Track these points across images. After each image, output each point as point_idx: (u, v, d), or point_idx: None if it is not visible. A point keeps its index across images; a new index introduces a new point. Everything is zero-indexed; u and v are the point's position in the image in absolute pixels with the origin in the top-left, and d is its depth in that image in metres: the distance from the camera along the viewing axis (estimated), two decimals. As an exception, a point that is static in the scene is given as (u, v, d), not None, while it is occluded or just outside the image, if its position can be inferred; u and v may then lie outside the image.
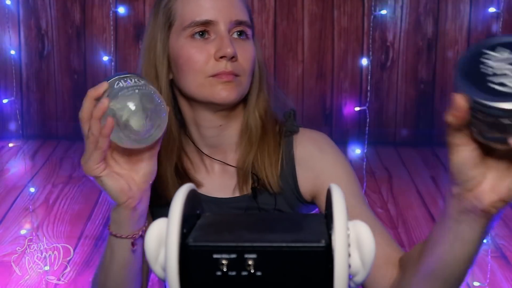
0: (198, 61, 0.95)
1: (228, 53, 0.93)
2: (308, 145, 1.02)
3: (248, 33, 0.99)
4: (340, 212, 0.51)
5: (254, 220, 0.58)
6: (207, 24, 0.95)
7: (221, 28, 0.95)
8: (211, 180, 1.03)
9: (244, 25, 0.98)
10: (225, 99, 0.95)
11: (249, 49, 0.98)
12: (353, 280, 0.53)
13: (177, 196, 0.53)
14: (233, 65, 0.95)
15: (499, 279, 2.14)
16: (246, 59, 0.97)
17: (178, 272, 0.50)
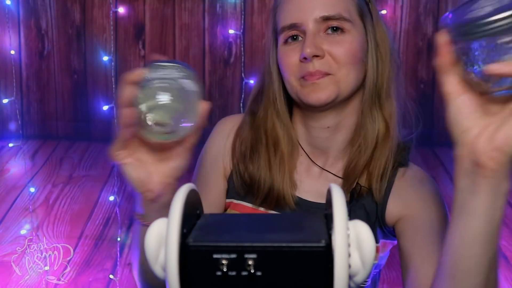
0: (289, 65, 0.97)
1: (306, 53, 0.93)
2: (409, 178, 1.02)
3: (344, 26, 0.96)
4: (340, 212, 0.51)
5: (254, 220, 0.58)
6: (295, 27, 0.96)
7: (307, 28, 0.95)
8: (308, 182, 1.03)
9: (334, 20, 0.95)
10: (316, 101, 0.95)
11: (343, 42, 0.95)
12: (353, 280, 0.53)
13: (177, 196, 0.53)
14: (320, 64, 0.94)
15: (499, 279, 2.14)
16: (339, 53, 0.95)
17: (178, 272, 0.50)
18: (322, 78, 0.94)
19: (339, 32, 0.96)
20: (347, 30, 0.96)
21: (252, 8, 3.24)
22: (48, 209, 2.58)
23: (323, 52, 0.94)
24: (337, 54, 0.95)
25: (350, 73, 0.96)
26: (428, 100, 3.35)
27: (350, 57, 0.95)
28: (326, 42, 0.95)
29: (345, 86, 0.96)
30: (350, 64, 0.95)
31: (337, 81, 0.95)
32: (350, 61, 0.95)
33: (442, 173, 3.02)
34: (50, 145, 3.30)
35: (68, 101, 3.38)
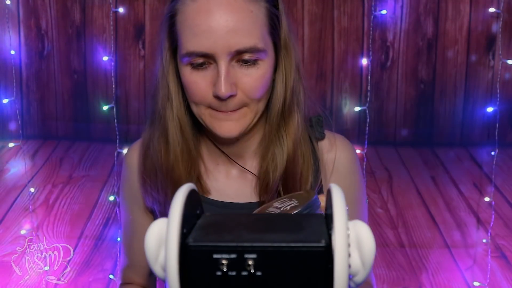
0: (198, 95, 0.90)
1: (222, 94, 0.87)
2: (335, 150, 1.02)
3: (257, 57, 0.89)
4: (340, 212, 0.51)
5: (254, 220, 0.58)
6: (205, 56, 0.88)
7: (219, 60, 0.87)
8: (229, 185, 1.02)
9: (249, 53, 0.88)
10: (227, 134, 0.91)
11: (256, 75, 0.89)
12: (353, 280, 0.53)
13: (177, 196, 0.53)
14: (234, 103, 0.89)
15: (499, 279, 2.14)
16: (252, 88, 0.89)
17: (178, 272, 0.50)
18: (234, 113, 0.90)
19: (251, 63, 0.89)
20: (260, 60, 0.90)
21: (252, 8, 3.24)
22: (48, 209, 2.57)
23: (236, 90, 0.89)
24: (249, 90, 0.89)
25: (260, 102, 0.92)
26: (428, 100, 3.35)
27: (262, 89, 0.91)
28: (239, 75, 0.88)
29: (256, 114, 0.93)
30: (261, 95, 0.91)
31: (249, 112, 0.92)
32: (261, 93, 0.91)
33: (442, 173, 3.02)
34: (50, 145, 3.30)
35: (68, 101, 3.38)
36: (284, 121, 0.95)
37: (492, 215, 2.36)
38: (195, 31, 0.87)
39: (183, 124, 0.96)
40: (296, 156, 0.96)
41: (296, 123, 0.95)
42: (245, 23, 0.87)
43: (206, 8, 0.87)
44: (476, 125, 3.30)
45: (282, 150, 0.96)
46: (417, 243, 2.38)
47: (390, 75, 3.33)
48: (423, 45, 3.29)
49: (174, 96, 0.95)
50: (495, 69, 3.23)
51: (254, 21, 0.88)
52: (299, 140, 0.96)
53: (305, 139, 0.99)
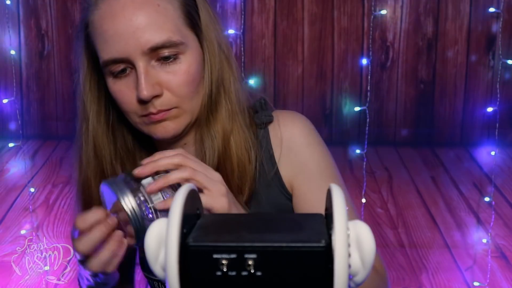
0: (125, 104, 0.87)
1: (144, 96, 0.83)
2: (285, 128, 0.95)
3: (176, 51, 0.85)
4: (340, 212, 0.51)
5: (254, 220, 0.58)
6: (120, 62, 0.84)
7: (135, 62, 0.84)
8: None
9: (164, 48, 0.84)
10: (164, 136, 0.88)
11: (179, 71, 0.85)
12: (353, 280, 0.53)
13: (177, 196, 0.53)
14: (161, 102, 0.85)
15: (499, 279, 2.14)
16: (178, 87, 0.85)
17: (178, 272, 0.50)
18: (167, 113, 0.86)
19: (172, 59, 0.85)
20: (181, 54, 0.85)
21: (252, 8, 3.24)
22: (48, 209, 2.58)
23: (161, 90, 0.85)
24: (176, 88, 0.85)
25: (193, 99, 0.88)
26: (428, 100, 3.35)
27: (190, 85, 0.86)
28: (162, 74, 0.85)
29: (192, 112, 0.89)
30: (191, 92, 0.87)
31: (183, 111, 0.88)
32: (190, 90, 0.87)
33: (442, 173, 3.02)
34: (50, 145, 3.30)
35: (68, 101, 3.38)
36: (212, 114, 0.90)
37: (492, 215, 2.36)
38: (104, 38, 0.84)
39: (98, 145, 0.93)
40: (228, 150, 0.91)
41: (224, 115, 0.90)
42: (153, 18, 0.83)
43: (110, 12, 0.84)
44: (476, 125, 3.30)
45: (212, 146, 0.91)
46: (417, 243, 2.38)
47: (390, 75, 3.33)
48: (423, 45, 3.29)
49: (91, 114, 0.92)
50: (495, 69, 3.23)
51: (164, 14, 0.84)
52: (229, 132, 0.90)
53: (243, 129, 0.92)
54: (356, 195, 2.47)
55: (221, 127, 0.90)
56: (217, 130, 0.90)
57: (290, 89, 3.34)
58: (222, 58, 0.91)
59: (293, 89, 3.34)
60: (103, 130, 0.93)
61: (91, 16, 0.86)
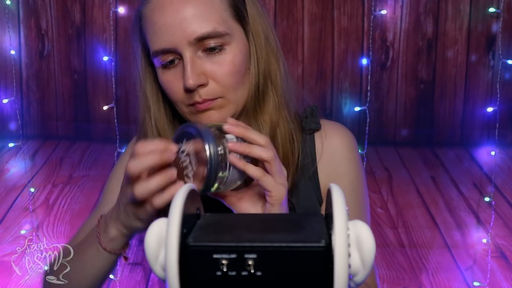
0: (173, 93, 0.90)
1: (189, 85, 0.86)
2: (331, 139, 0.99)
3: (221, 42, 0.88)
4: (340, 212, 0.51)
5: (254, 220, 0.58)
6: (169, 52, 0.88)
7: (182, 52, 0.87)
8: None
9: (210, 38, 0.86)
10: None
11: (224, 62, 0.88)
12: (353, 280, 0.53)
13: (177, 196, 0.53)
14: (206, 92, 0.88)
15: (499, 279, 2.14)
16: (223, 77, 0.88)
17: (178, 272, 0.50)
18: (212, 103, 0.89)
19: (218, 50, 0.88)
20: (226, 45, 0.88)
21: (252, 8, 3.24)
22: (48, 209, 2.57)
23: (206, 79, 0.88)
24: (221, 78, 0.88)
25: (238, 90, 0.90)
26: (428, 100, 3.35)
27: (234, 75, 0.89)
28: (208, 64, 0.88)
29: (237, 103, 0.91)
30: (236, 83, 0.89)
31: (228, 102, 0.90)
32: (235, 80, 0.89)
33: (442, 173, 3.02)
34: (50, 145, 3.30)
35: (68, 101, 3.38)
36: (259, 106, 0.93)
37: (492, 215, 2.36)
38: (154, 29, 0.88)
39: (162, 133, 0.96)
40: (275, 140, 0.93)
41: (271, 106, 0.93)
42: (199, 10, 0.86)
43: (160, 4, 0.88)
44: (476, 125, 3.30)
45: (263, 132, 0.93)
46: (417, 243, 2.38)
47: (390, 75, 3.33)
48: (423, 45, 3.29)
49: (152, 104, 0.95)
50: (495, 69, 3.23)
51: (210, 5, 0.87)
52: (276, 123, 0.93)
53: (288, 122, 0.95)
54: (356, 195, 2.46)
55: (269, 118, 0.92)
56: (264, 120, 0.92)
57: (290, 89, 3.34)
58: (269, 51, 0.93)
59: (293, 89, 3.34)
60: (164, 120, 0.97)
61: (144, 10, 0.91)
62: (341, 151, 1.00)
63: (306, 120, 1.00)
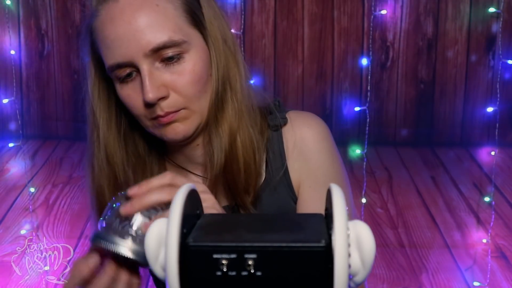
0: (134, 108, 0.86)
1: (149, 99, 0.82)
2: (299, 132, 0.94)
3: (179, 50, 0.83)
4: (340, 212, 0.51)
5: (254, 220, 0.58)
6: (123, 67, 0.83)
7: (139, 65, 0.82)
8: None
9: (166, 48, 0.82)
10: (174, 138, 0.87)
11: (184, 71, 0.84)
12: (353, 280, 0.53)
13: (177, 196, 0.53)
14: (167, 104, 0.84)
15: (499, 279, 2.14)
16: (183, 87, 0.84)
17: (178, 272, 0.50)
18: (176, 115, 0.84)
19: (176, 59, 0.83)
20: (185, 53, 0.84)
21: (252, 8, 3.24)
22: (48, 209, 2.58)
23: (167, 91, 0.83)
24: (182, 88, 0.84)
25: (201, 99, 0.86)
26: (428, 100, 3.35)
27: (196, 84, 0.84)
28: (167, 75, 0.83)
29: (201, 112, 0.87)
30: (198, 91, 0.85)
31: (192, 112, 0.86)
32: (197, 89, 0.85)
33: (442, 173, 3.02)
34: (50, 145, 3.30)
35: (68, 101, 3.38)
36: (219, 113, 0.88)
37: (492, 215, 2.36)
38: (106, 43, 0.84)
39: (110, 152, 0.92)
40: (235, 149, 0.89)
41: (230, 114, 0.88)
42: (153, 19, 0.82)
43: (109, 17, 0.83)
44: (476, 125, 3.30)
45: (220, 145, 0.88)
46: (417, 243, 2.38)
47: (390, 75, 3.33)
48: (423, 45, 3.29)
49: (101, 122, 0.92)
50: (495, 69, 3.23)
51: (163, 14, 0.83)
52: (236, 131, 0.88)
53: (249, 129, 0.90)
54: (356, 195, 2.47)
55: (228, 126, 0.88)
56: (224, 129, 0.88)
57: (290, 89, 3.34)
58: (228, 55, 0.89)
59: (293, 89, 3.34)
60: (114, 137, 0.93)
61: (93, 23, 0.86)
62: (310, 142, 0.93)
63: (270, 117, 0.94)
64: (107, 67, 0.85)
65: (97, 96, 0.92)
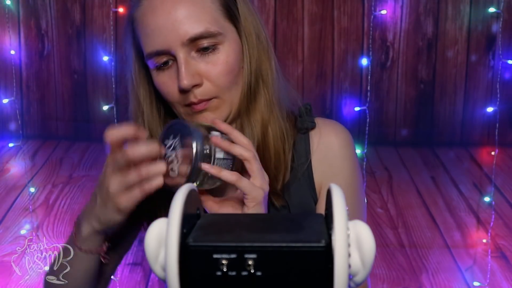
0: (169, 94, 0.90)
1: (184, 85, 0.86)
2: (326, 137, 0.99)
3: (214, 42, 0.88)
4: (340, 212, 0.51)
5: (254, 220, 0.58)
6: (162, 54, 0.88)
7: (176, 53, 0.87)
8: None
9: (203, 39, 0.87)
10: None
11: (218, 61, 0.88)
12: (353, 280, 0.53)
13: (177, 196, 0.53)
14: (201, 92, 0.88)
15: (499, 279, 2.14)
16: (217, 76, 0.88)
17: (178, 272, 0.50)
18: (208, 103, 0.89)
19: (211, 50, 0.88)
20: (219, 44, 0.88)
21: (252, 8, 3.24)
22: (48, 209, 2.58)
23: (201, 79, 0.88)
24: (215, 78, 0.88)
25: (232, 90, 0.90)
26: (428, 100, 3.35)
27: (228, 75, 0.89)
28: (201, 64, 0.88)
29: (231, 103, 0.91)
30: (229, 82, 0.89)
31: (223, 102, 0.90)
32: (229, 80, 0.89)
33: (442, 173, 3.02)
34: (50, 145, 3.30)
35: (68, 101, 3.38)
36: (251, 104, 0.93)
37: (492, 215, 2.36)
38: (146, 32, 0.88)
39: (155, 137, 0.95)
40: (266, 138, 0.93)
41: (262, 105, 0.93)
42: (190, 11, 0.87)
43: (151, 7, 0.88)
44: (476, 125, 3.30)
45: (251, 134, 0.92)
46: (417, 243, 2.38)
47: (390, 75, 3.33)
48: (423, 45, 3.29)
49: (145, 107, 0.95)
50: (495, 69, 3.23)
51: (201, 6, 0.88)
52: (267, 121, 0.93)
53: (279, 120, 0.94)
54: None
55: (260, 117, 0.92)
56: (256, 119, 0.92)
57: (290, 89, 3.34)
58: (260, 50, 0.93)
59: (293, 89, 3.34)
60: (157, 122, 0.96)
61: (135, 13, 0.90)
62: (336, 148, 0.99)
63: (300, 119, 0.99)
64: (146, 54, 0.89)
65: (140, 83, 0.95)
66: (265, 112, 0.93)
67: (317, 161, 0.98)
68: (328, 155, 0.99)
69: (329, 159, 0.99)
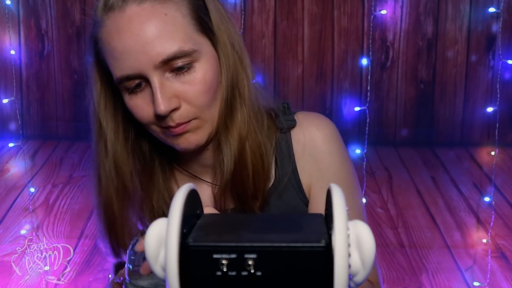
0: (143, 118, 0.84)
1: (161, 112, 0.80)
2: (308, 133, 0.93)
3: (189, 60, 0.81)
4: (340, 212, 0.51)
5: (254, 220, 0.58)
6: (134, 78, 0.81)
7: (149, 77, 0.81)
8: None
9: (176, 59, 0.80)
10: (187, 148, 0.86)
11: (194, 81, 0.82)
12: (353, 280, 0.53)
13: (177, 196, 0.53)
14: (179, 115, 0.82)
15: (499, 279, 2.14)
16: (194, 97, 0.82)
17: (178, 272, 0.50)
18: (187, 125, 0.83)
19: (187, 69, 0.81)
20: (195, 62, 0.82)
21: (252, 8, 3.24)
22: (48, 209, 2.58)
23: (178, 102, 0.82)
24: (193, 98, 0.82)
25: (212, 107, 0.85)
26: (428, 100, 3.35)
27: (207, 93, 0.83)
28: (177, 85, 0.81)
29: (212, 121, 0.86)
30: (209, 100, 0.84)
31: (204, 121, 0.85)
32: (208, 98, 0.83)
33: (442, 173, 3.02)
34: (50, 145, 3.30)
35: (68, 101, 3.38)
36: (228, 120, 0.87)
37: (492, 215, 2.36)
38: (114, 55, 0.82)
39: (119, 161, 0.91)
40: (244, 156, 0.88)
41: (239, 120, 0.87)
42: (161, 29, 0.80)
43: (116, 28, 0.81)
44: (476, 125, 3.30)
45: (229, 152, 0.88)
46: (417, 243, 2.38)
47: (390, 75, 3.33)
48: (423, 45, 3.29)
49: (109, 131, 0.90)
50: (495, 69, 3.23)
51: (172, 23, 0.80)
52: (245, 138, 0.87)
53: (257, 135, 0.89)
54: (356, 195, 2.46)
55: (237, 133, 0.87)
56: (233, 136, 0.87)
57: (290, 89, 3.34)
58: (236, 59, 0.87)
59: (293, 89, 3.34)
60: (122, 146, 0.91)
61: (99, 33, 0.84)
62: (320, 143, 0.93)
63: (278, 119, 0.93)
64: (115, 79, 0.83)
65: (103, 106, 0.90)
66: (242, 128, 0.87)
67: (302, 160, 0.94)
68: (313, 152, 0.93)
69: (315, 156, 0.93)
